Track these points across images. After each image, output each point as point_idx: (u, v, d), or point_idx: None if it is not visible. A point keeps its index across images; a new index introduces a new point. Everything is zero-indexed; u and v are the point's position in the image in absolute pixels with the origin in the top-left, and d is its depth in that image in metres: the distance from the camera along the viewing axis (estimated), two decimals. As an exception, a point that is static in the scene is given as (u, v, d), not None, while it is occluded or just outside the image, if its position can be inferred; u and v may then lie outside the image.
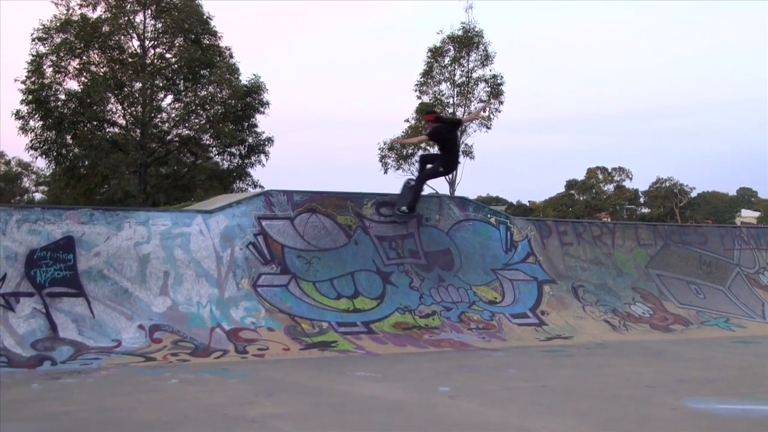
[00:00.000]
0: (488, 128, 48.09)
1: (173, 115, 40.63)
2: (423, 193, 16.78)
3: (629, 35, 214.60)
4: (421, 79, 48.70)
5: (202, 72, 39.70)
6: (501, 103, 47.91)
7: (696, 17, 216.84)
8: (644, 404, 9.66)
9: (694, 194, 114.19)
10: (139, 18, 39.94)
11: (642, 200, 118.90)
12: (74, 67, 38.38)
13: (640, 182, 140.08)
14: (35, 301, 12.94)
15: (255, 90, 41.07)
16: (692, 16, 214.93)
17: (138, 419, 8.50)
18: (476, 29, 47.45)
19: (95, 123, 38.72)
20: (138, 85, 39.39)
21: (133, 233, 14.29)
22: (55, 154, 38.50)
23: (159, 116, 40.59)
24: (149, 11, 39.71)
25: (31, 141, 37.75)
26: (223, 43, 41.25)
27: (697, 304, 19.19)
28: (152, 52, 40.19)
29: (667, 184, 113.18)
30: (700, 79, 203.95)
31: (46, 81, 37.69)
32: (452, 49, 47.97)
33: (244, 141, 41.32)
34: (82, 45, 38.05)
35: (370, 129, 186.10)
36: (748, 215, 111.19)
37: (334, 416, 8.85)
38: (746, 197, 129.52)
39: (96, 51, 38.79)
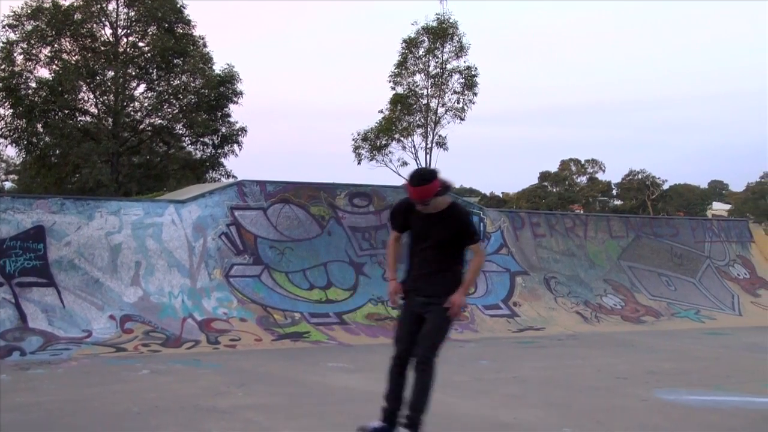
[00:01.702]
0: (462, 119, 48.05)
1: (146, 104, 40.22)
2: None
3: (602, 28, 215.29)
4: (396, 70, 48.52)
5: (175, 61, 39.30)
6: (475, 94, 47.79)
7: (667, 13, 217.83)
8: (615, 395, 9.73)
9: (666, 186, 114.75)
10: (111, 6, 39.44)
11: (614, 192, 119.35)
12: (45, 55, 37.88)
13: (612, 174, 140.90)
14: (4, 290, 12.86)
15: (228, 80, 40.76)
16: (664, 11, 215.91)
17: (109, 410, 8.46)
18: (451, 21, 47.41)
19: (67, 111, 38.27)
20: (110, 73, 38.91)
21: (105, 223, 14.21)
22: (25, 142, 38.02)
23: (131, 105, 40.16)
24: (122, -1, 39.43)
25: (1, 129, 37.34)
26: (196, 32, 40.89)
27: (668, 296, 19.35)
28: (125, 40, 39.72)
29: (640, 176, 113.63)
30: (673, 73, 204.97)
31: (17, 69, 37.17)
32: (427, 40, 47.79)
33: (217, 131, 40.98)
34: (53, 32, 37.54)
35: (343, 119, 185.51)
36: (719, 208, 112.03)
37: (306, 407, 8.84)
38: (717, 190, 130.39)
39: (68, 39, 38.28)
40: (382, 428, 7.17)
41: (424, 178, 7.00)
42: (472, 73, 47.77)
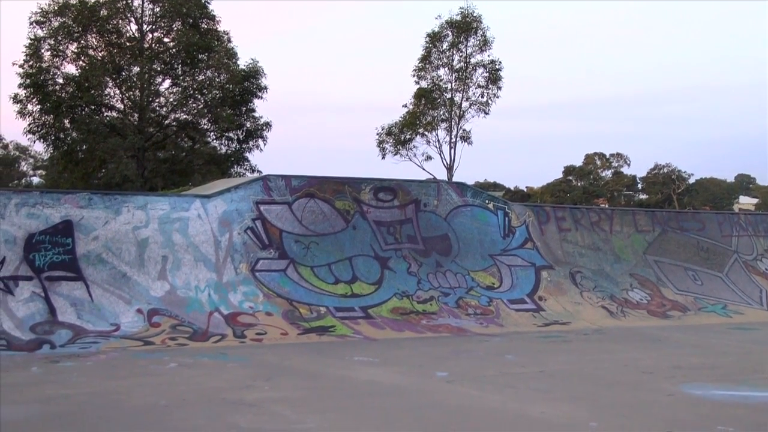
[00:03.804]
0: (486, 113, 47.98)
1: (171, 100, 40.38)
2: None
3: (628, 20, 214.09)
4: (420, 65, 48.49)
5: (200, 56, 39.40)
6: (499, 88, 47.76)
7: (694, 3, 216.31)
8: (641, 390, 9.69)
9: (692, 180, 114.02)
10: (137, 2, 39.64)
11: (640, 186, 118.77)
12: (72, 51, 38.10)
13: (638, 168, 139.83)
14: (34, 284, 12.98)
15: (253, 74, 40.85)
16: (691, 1, 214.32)
17: (136, 403, 8.52)
18: (474, 14, 47.32)
19: (93, 107, 38.47)
20: (136, 69, 39.08)
21: (132, 217, 14.31)
22: (53, 138, 38.29)
23: (157, 100, 40.32)
24: (147, -5, 39.54)
25: (29, 125, 37.57)
26: (221, 28, 41.00)
27: (695, 290, 19.23)
28: (150, 36, 39.88)
29: (665, 170, 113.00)
30: (699, 65, 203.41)
31: (44, 65, 37.43)
32: (451, 34, 47.76)
33: (241, 125, 41.10)
34: (80, 29, 37.76)
35: (368, 114, 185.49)
36: (746, 202, 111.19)
37: (332, 400, 8.87)
38: (744, 184, 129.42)
39: (94, 35, 38.49)
40: None
41: None
42: (496, 67, 47.71)
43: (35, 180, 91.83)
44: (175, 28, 39.88)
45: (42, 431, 7.42)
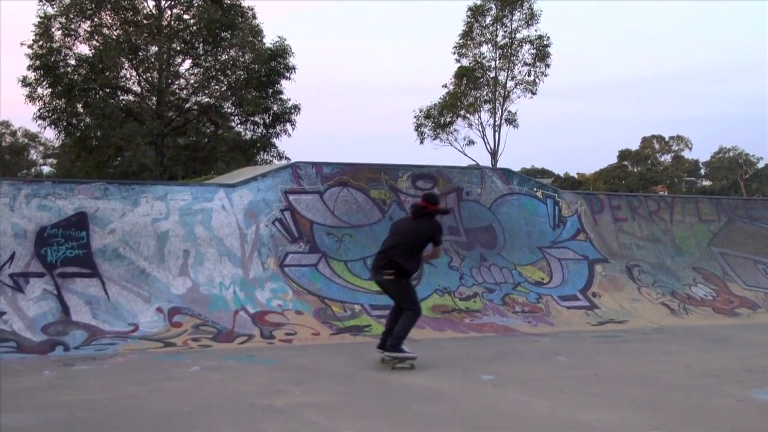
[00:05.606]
0: (533, 94, 47.87)
1: (192, 82, 40.50)
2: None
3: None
4: (461, 41, 48.51)
5: (222, 34, 39.51)
6: (547, 66, 47.68)
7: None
8: (707, 395, 9.61)
9: (760, 165, 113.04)
10: (154, -25, 39.94)
11: (703, 172, 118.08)
12: (85, 30, 38.29)
13: (700, 152, 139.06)
14: (46, 281, 13.10)
15: (280, 54, 40.88)
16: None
17: (158, 409, 8.58)
18: (520, -15, 47.21)
19: (108, 90, 38.69)
20: (154, 49, 39.31)
21: (151, 209, 14.40)
22: (65, 123, 38.51)
23: (176, 83, 40.51)
24: (165, -32, 39.74)
25: (39, 110, 37.81)
26: (245, 3, 41.16)
27: (766, 285, 19.05)
28: (169, 13, 40.04)
29: (731, 153, 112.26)
30: (764, 39, 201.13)
31: (55, 45, 37.65)
32: (494, 7, 47.70)
33: (268, 109, 41.14)
34: (93, 6, 37.94)
35: (405, 96, 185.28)
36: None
37: (368, 406, 8.89)
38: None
39: (108, 12, 38.70)
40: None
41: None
42: (544, 42, 47.60)
43: (46, 169, 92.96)
44: (196, 4, 40.03)
45: (57, 439, 7.49)
